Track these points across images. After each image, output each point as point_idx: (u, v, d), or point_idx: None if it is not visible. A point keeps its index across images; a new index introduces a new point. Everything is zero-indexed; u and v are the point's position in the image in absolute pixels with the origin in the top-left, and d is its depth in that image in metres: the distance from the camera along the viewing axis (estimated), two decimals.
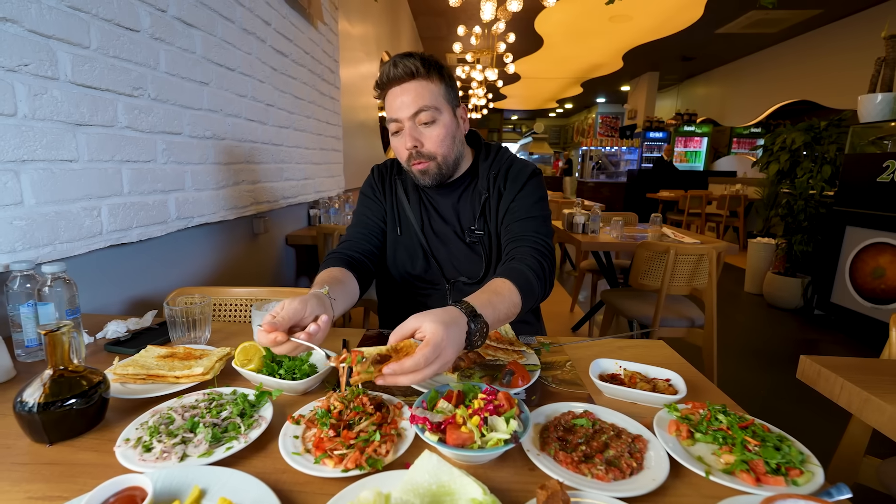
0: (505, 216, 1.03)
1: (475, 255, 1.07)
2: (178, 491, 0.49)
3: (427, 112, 0.94)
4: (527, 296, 0.80)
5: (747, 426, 0.59)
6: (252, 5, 1.85)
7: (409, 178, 1.11)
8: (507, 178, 1.06)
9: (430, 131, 0.96)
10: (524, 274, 0.84)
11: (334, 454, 0.54)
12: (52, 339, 0.60)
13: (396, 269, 1.11)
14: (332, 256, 1.01)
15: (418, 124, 0.96)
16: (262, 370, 0.74)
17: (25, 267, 0.83)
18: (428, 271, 1.09)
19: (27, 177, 0.92)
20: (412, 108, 0.94)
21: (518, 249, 0.94)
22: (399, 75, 0.93)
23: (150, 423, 0.61)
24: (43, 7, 0.94)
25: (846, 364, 0.87)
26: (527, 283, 0.82)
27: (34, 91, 0.92)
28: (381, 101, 1.01)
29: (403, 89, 0.94)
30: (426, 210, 1.10)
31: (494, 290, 0.77)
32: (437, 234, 1.09)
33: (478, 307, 0.68)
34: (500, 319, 0.74)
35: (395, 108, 0.95)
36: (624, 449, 0.56)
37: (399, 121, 0.96)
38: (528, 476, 0.54)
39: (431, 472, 0.49)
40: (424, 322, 0.61)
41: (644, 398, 0.70)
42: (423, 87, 0.94)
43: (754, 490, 0.49)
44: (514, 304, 0.78)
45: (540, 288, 0.87)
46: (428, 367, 0.57)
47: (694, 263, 2.04)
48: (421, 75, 0.94)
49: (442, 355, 0.59)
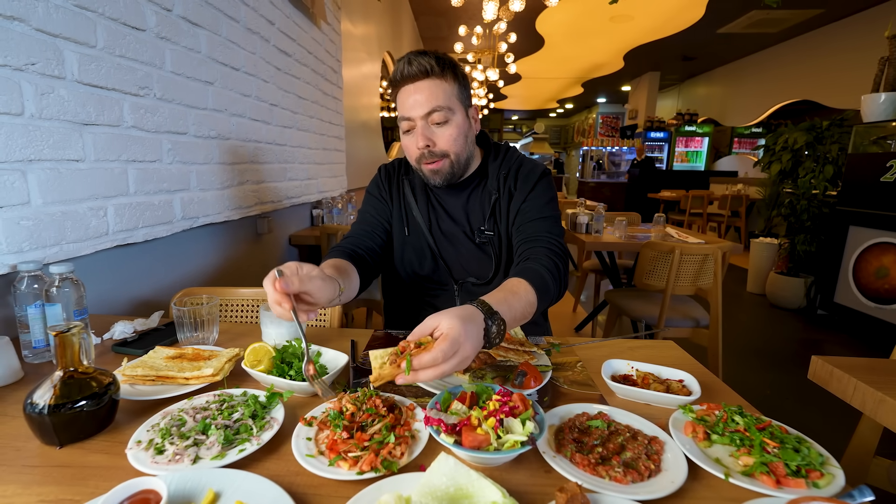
0: (517, 217, 1.03)
1: (485, 255, 1.06)
2: (192, 494, 0.49)
3: (440, 112, 0.93)
4: (542, 296, 0.80)
5: (764, 427, 0.58)
6: (256, 5, 1.84)
7: (417, 178, 1.11)
8: (518, 178, 1.05)
9: (442, 131, 0.95)
10: (540, 274, 0.84)
11: (349, 456, 0.54)
12: (63, 341, 0.60)
13: (404, 270, 1.10)
14: (335, 250, 1.01)
15: (431, 124, 0.94)
16: (272, 371, 0.74)
17: (33, 267, 0.82)
18: (436, 272, 1.08)
19: (34, 177, 0.92)
20: (425, 108, 0.92)
21: (532, 250, 0.94)
22: (413, 73, 0.92)
23: (162, 425, 0.60)
24: (50, 6, 0.93)
25: (858, 364, 0.87)
26: (542, 283, 0.82)
27: (41, 90, 0.92)
28: (392, 98, 1.00)
29: (417, 87, 0.92)
30: (434, 210, 1.09)
31: (510, 289, 0.77)
32: (445, 235, 1.08)
33: (494, 305, 0.68)
34: (517, 318, 0.74)
35: (408, 107, 0.94)
36: (641, 451, 0.55)
37: (411, 119, 0.94)
38: (545, 478, 0.54)
39: (448, 474, 0.49)
40: (442, 319, 0.61)
41: (658, 399, 0.69)
42: (437, 86, 0.93)
43: (775, 493, 0.49)
44: (530, 304, 0.77)
45: (555, 288, 0.87)
46: (446, 363, 0.57)
47: (699, 263, 2.03)
48: (435, 74, 0.92)
49: (460, 351, 0.58)
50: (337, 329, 1.09)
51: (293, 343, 0.79)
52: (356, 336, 0.96)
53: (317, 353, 0.81)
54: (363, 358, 0.86)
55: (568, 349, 0.92)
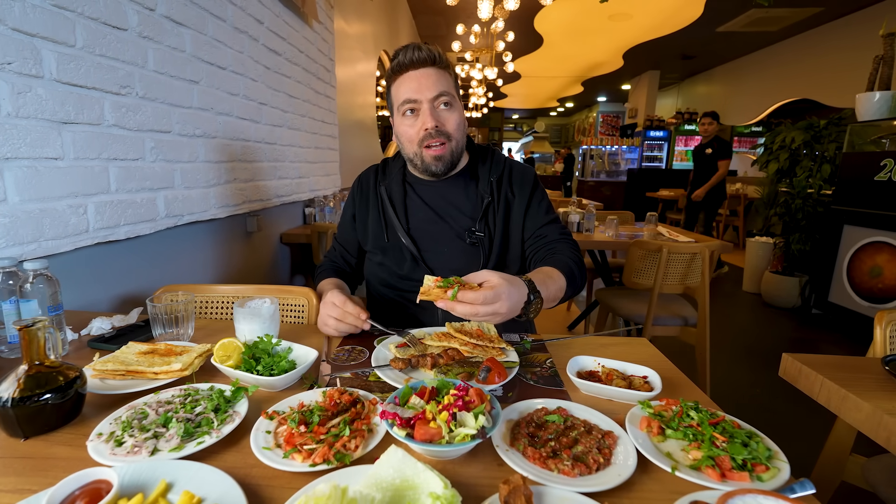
0: (525, 222, 1.09)
1: (472, 254, 1.07)
2: (144, 485, 0.50)
3: (447, 97, 0.98)
4: (570, 283, 0.93)
5: (717, 423, 0.59)
6: (244, 4, 1.85)
7: (394, 182, 1.11)
8: (513, 184, 1.10)
9: (448, 114, 0.99)
10: (568, 265, 0.96)
11: (304, 449, 0.55)
12: (27, 335, 0.61)
13: (386, 272, 1.11)
14: (324, 271, 1.17)
15: (437, 107, 0.98)
16: (240, 366, 0.75)
17: (8, 264, 0.83)
18: (416, 271, 1.09)
19: (11, 174, 0.93)
20: (434, 91, 0.96)
21: (557, 246, 1.04)
22: (422, 58, 0.96)
23: (124, 417, 0.61)
24: (27, 5, 0.94)
25: (828, 362, 0.87)
26: (571, 272, 0.95)
27: (18, 89, 0.93)
28: (389, 85, 1.02)
29: (425, 73, 0.96)
30: (416, 211, 1.10)
31: (547, 273, 0.89)
32: (428, 234, 1.09)
33: (537, 284, 0.81)
34: (550, 300, 0.87)
35: (414, 90, 0.96)
36: (593, 445, 0.56)
37: (417, 101, 0.97)
38: (497, 471, 0.55)
39: (396, 466, 0.49)
40: (493, 276, 0.75)
41: (619, 395, 0.70)
42: (442, 75, 0.98)
43: (718, 485, 0.49)
44: (561, 289, 0.90)
45: (580, 278, 0.98)
46: (482, 307, 0.70)
47: (687, 262, 2.03)
48: (440, 64, 0.98)
49: (498, 304, 0.71)
50: (313, 326, 1.09)
51: (263, 339, 0.80)
52: None
53: (287, 348, 0.82)
54: (335, 354, 0.87)
55: (541, 346, 0.93)
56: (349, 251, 1.20)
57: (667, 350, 0.96)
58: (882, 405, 0.70)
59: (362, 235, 1.15)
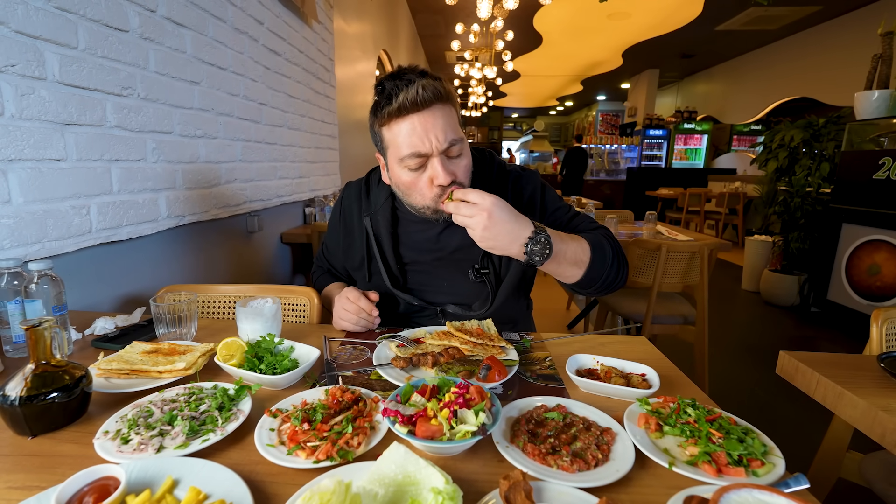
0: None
1: (478, 289, 1.00)
2: (151, 481, 0.51)
3: (458, 145, 0.83)
4: (597, 252, 0.85)
5: (714, 419, 0.60)
6: (244, 4, 1.85)
7: (381, 215, 0.99)
8: (523, 201, 0.98)
9: (459, 162, 0.85)
10: (597, 235, 0.89)
11: (307, 446, 0.56)
12: (34, 334, 0.61)
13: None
14: (322, 274, 1.16)
15: (449, 157, 0.83)
16: (243, 365, 0.76)
17: (12, 264, 0.84)
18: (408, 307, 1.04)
19: (15, 176, 0.93)
20: (445, 139, 0.80)
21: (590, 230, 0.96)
22: (426, 99, 0.78)
23: (130, 416, 0.62)
24: (30, 8, 0.95)
25: (825, 360, 0.88)
26: (598, 242, 0.87)
27: (21, 91, 0.94)
28: (380, 125, 0.84)
29: (431, 116, 0.79)
30: (409, 249, 1.00)
31: (568, 233, 0.85)
32: (424, 272, 1.02)
33: (548, 229, 0.78)
34: (567, 256, 0.82)
35: (421, 140, 0.79)
36: (591, 441, 0.57)
37: (426, 155, 0.81)
38: (497, 467, 0.55)
39: (398, 462, 0.50)
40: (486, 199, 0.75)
41: (617, 392, 0.71)
42: (448, 113, 0.81)
43: (714, 480, 0.50)
44: (584, 251, 0.84)
45: (614, 257, 0.87)
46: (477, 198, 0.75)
47: (686, 261, 2.04)
48: (443, 99, 0.80)
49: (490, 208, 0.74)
50: (314, 325, 1.11)
51: (265, 338, 0.81)
52: (331, 332, 0.98)
53: (290, 347, 0.83)
54: (336, 353, 0.88)
55: (540, 344, 0.94)
56: (337, 269, 1.15)
57: (666, 348, 0.96)
58: (877, 402, 0.71)
59: (351, 266, 1.08)
